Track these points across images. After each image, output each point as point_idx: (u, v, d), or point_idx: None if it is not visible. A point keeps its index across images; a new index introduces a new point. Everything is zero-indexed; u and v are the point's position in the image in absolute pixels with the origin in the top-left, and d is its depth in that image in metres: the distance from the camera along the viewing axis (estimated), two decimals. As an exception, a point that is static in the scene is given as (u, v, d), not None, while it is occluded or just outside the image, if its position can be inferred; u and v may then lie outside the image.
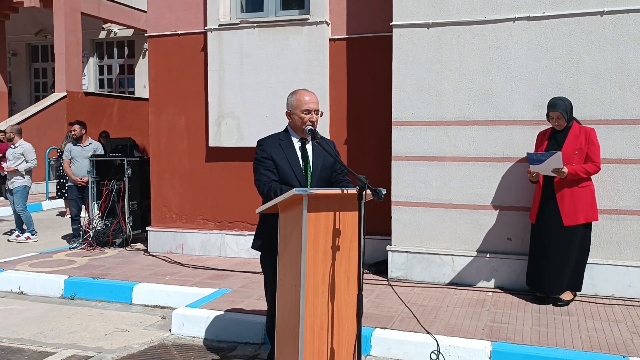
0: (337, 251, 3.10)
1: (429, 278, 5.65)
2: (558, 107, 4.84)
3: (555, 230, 4.84)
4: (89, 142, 8.31)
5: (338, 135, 6.40)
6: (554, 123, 4.90)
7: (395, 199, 5.74)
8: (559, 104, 4.86)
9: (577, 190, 4.81)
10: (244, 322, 4.58)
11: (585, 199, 4.83)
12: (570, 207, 4.80)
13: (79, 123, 8.30)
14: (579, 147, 4.81)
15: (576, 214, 4.80)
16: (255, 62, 6.65)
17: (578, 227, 4.83)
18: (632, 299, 5.04)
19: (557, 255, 4.84)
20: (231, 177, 6.86)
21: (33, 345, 4.47)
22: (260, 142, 3.57)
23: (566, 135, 4.87)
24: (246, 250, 6.74)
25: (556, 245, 4.84)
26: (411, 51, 5.66)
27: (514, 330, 4.30)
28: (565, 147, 4.81)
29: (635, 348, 3.95)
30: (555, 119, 4.86)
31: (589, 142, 4.83)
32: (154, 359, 4.19)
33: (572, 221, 4.80)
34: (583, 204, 4.82)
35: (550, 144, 4.92)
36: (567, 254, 4.84)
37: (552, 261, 4.86)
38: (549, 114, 4.90)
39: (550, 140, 4.94)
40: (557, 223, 4.83)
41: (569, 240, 4.83)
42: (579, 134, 4.86)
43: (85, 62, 18.47)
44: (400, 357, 4.14)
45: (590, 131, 4.87)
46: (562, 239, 4.83)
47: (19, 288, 6.01)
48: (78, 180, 8.02)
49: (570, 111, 4.89)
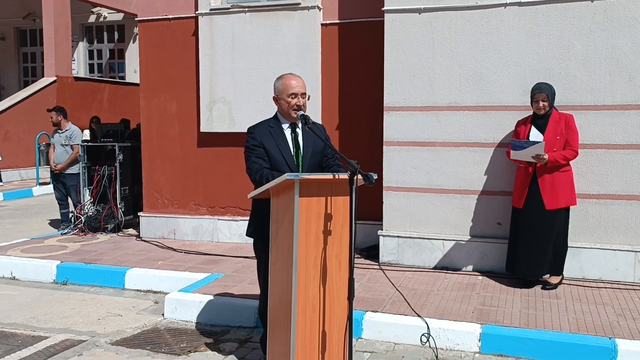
0: (329, 235, 3.13)
1: (420, 262, 5.70)
2: (544, 89, 4.89)
3: (537, 215, 4.90)
4: (67, 128, 8.14)
5: (330, 121, 6.41)
6: (537, 106, 4.91)
7: (387, 184, 5.78)
8: (545, 87, 4.92)
9: (558, 175, 4.88)
10: (236, 306, 4.62)
11: (565, 184, 4.91)
12: (551, 191, 4.87)
13: (56, 110, 8.17)
14: (560, 132, 4.88)
15: (557, 198, 4.88)
16: (246, 47, 6.63)
17: (559, 211, 4.91)
18: (619, 282, 5.13)
19: (540, 238, 4.91)
20: (223, 163, 6.86)
21: (26, 330, 4.49)
22: (250, 130, 3.57)
23: (547, 122, 4.92)
24: (238, 235, 6.77)
25: (540, 229, 4.91)
26: (403, 36, 5.66)
27: (503, 313, 4.37)
28: (547, 133, 4.87)
29: (621, 330, 4.03)
30: (541, 100, 4.87)
31: (568, 128, 4.90)
32: (147, 342, 4.22)
33: (554, 205, 4.87)
34: (564, 189, 4.90)
35: (531, 130, 4.94)
36: (549, 237, 4.92)
37: (534, 245, 4.92)
38: (534, 97, 4.91)
39: (531, 127, 4.97)
40: (539, 207, 4.89)
41: (551, 224, 4.90)
42: (559, 120, 4.92)
43: (74, 47, 18.28)
44: (391, 340, 4.19)
45: (569, 117, 4.94)
46: (545, 222, 4.89)
47: (11, 273, 6.02)
48: (52, 165, 8.00)
49: (554, 96, 4.95)
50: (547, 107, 4.90)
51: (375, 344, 4.16)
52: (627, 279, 5.13)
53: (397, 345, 4.14)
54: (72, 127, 8.20)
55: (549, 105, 4.91)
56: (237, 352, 4.03)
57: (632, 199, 5.12)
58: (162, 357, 3.94)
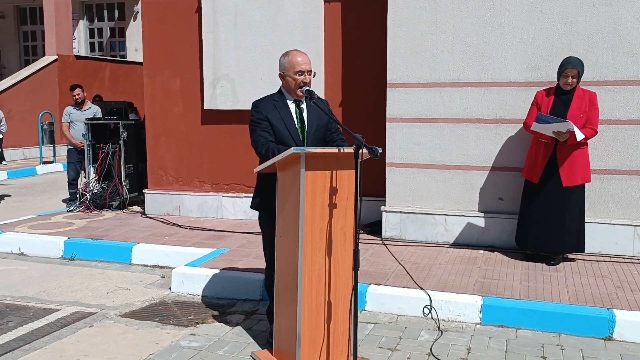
0: (334, 208, 3.19)
1: (422, 237, 5.78)
2: (576, 65, 4.78)
3: (555, 191, 4.88)
4: (89, 106, 8.31)
5: (333, 98, 6.43)
6: (566, 81, 4.80)
7: (390, 161, 5.83)
8: (577, 62, 4.80)
9: (576, 152, 4.84)
10: (242, 279, 4.71)
11: (582, 161, 4.88)
12: (569, 168, 4.84)
13: (79, 87, 8.27)
14: (584, 110, 4.81)
15: (575, 175, 4.86)
16: (250, 23, 6.63)
17: (576, 187, 4.90)
18: (618, 255, 5.21)
19: (560, 215, 4.90)
20: (227, 140, 6.91)
21: (37, 303, 4.59)
22: (255, 104, 3.61)
23: (572, 98, 4.84)
24: (243, 211, 6.85)
25: (559, 205, 4.88)
26: (406, 12, 5.66)
27: (504, 286, 4.46)
28: (572, 109, 4.81)
29: (619, 301, 4.12)
30: (571, 77, 4.77)
31: (592, 106, 4.84)
32: (156, 315, 4.32)
33: (571, 182, 4.85)
34: (580, 165, 4.87)
35: (555, 105, 4.88)
36: (569, 214, 4.90)
37: (556, 221, 4.90)
38: (565, 72, 4.79)
39: (555, 101, 4.91)
40: (555, 183, 4.87)
41: (568, 200, 4.89)
42: (583, 97, 4.85)
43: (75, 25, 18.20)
44: (394, 311, 4.29)
45: (593, 95, 4.87)
46: (562, 199, 4.88)
47: (19, 249, 6.11)
48: (78, 144, 8.05)
49: (582, 73, 4.86)
50: (575, 83, 4.82)
51: (378, 316, 4.25)
52: (626, 252, 5.21)
53: (400, 317, 4.23)
54: (93, 105, 8.43)
55: (577, 82, 4.84)
56: (244, 323, 4.12)
57: (633, 174, 5.18)
58: (170, 329, 4.04)
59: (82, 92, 8.26)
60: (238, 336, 3.89)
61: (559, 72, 4.87)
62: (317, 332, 3.21)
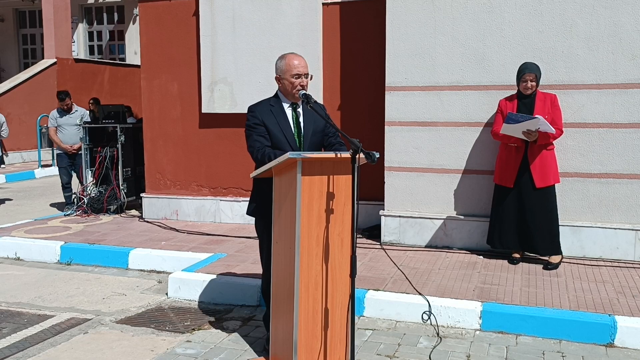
0: (331, 214, 3.15)
1: (421, 242, 5.73)
2: (534, 69, 4.92)
3: (528, 193, 4.95)
4: (75, 110, 8.18)
5: (331, 101, 6.40)
6: (525, 86, 4.93)
7: (388, 164, 5.79)
8: (534, 67, 4.96)
9: (545, 153, 4.94)
10: (239, 285, 4.67)
11: (552, 162, 4.98)
12: (541, 169, 4.92)
13: (66, 94, 8.12)
14: (547, 111, 4.91)
15: (547, 176, 4.94)
16: (248, 27, 6.59)
17: (549, 188, 4.97)
18: (619, 260, 5.16)
19: (541, 216, 4.96)
20: (225, 144, 6.87)
21: (32, 309, 4.54)
22: (251, 108, 3.57)
23: (534, 101, 4.95)
24: (241, 216, 6.80)
25: (534, 207, 4.95)
26: (405, 15, 5.62)
27: (504, 291, 4.41)
28: (536, 111, 4.89)
29: (620, 307, 4.07)
30: (530, 80, 4.90)
31: (553, 107, 4.95)
32: (152, 321, 4.27)
33: (543, 182, 4.93)
34: (551, 166, 4.96)
35: (519, 109, 4.97)
36: (548, 214, 4.98)
37: (538, 222, 4.96)
38: (523, 77, 4.91)
39: (519, 105, 4.99)
40: (529, 186, 4.94)
41: (543, 202, 4.96)
42: (545, 99, 4.96)
43: (74, 28, 18.18)
44: (392, 317, 4.24)
45: (553, 97, 4.99)
46: (536, 200, 4.94)
47: (15, 254, 6.06)
48: (68, 148, 7.98)
49: (540, 77, 4.99)
50: (534, 87, 4.94)
51: (377, 322, 4.20)
52: (627, 257, 5.16)
53: (399, 322, 4.18)
54: (78, 107, 8.35)
55: (536, 85, 4.95)
56: (241, 329, 4.07)
57: (634, 177, 5.13)
58: (166, 335, 3.99)
59: (70, 99, 8.08)
60: (234, 343, 3.84)
61: (518, 78, 4.99)
62: (314, 340, 3.16)
